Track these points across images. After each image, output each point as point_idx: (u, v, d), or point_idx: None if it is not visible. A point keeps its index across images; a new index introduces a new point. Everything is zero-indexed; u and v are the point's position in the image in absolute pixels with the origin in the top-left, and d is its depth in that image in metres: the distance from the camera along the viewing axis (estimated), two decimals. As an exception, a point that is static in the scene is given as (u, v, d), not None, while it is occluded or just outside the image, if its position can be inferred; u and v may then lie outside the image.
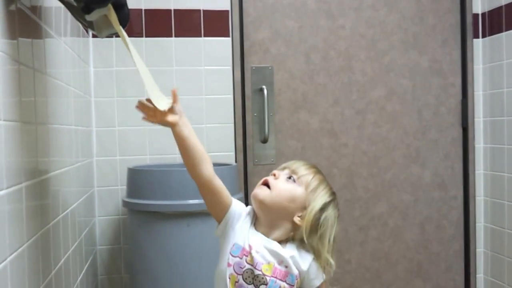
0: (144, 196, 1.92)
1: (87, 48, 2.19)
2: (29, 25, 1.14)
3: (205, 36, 2.33)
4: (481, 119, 2.57)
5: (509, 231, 2.42)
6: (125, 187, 2.12)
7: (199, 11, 2.32)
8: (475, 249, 2.59)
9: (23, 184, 1.04)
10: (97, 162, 2.27)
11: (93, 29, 1.24)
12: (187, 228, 1.85)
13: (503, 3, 2.39)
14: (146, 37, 2.28)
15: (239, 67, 2.37)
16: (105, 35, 1.22)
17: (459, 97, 2.58)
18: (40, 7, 1.25)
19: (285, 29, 2.44)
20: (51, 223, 1.30)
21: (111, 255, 2.31)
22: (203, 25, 2.32)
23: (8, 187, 0.94)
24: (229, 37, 2.35)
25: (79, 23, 1.87)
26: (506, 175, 2.42)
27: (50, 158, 1.33)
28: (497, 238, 2.50)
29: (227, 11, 2.34)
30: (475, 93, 2.56)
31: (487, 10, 2.51)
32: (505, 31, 2.39)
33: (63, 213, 1.46)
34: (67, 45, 1.65)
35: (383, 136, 2.53)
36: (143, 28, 2.28)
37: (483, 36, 2.55)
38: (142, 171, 2.00)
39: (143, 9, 2.28)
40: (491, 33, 2.49)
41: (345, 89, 2.49)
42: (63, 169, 1.49)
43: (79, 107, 1.88)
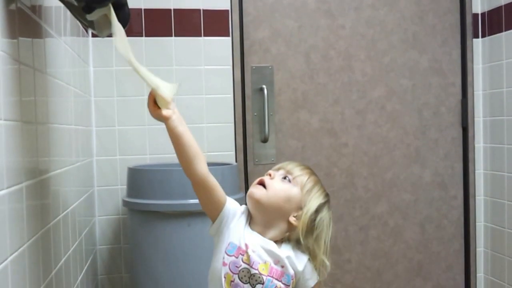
0: (144, 195, 1.92)
1: (86, 47, 2.19)
2: (29, 24, 1.14)
3: (205, 35, 2.33)
4: (481, 119, 2.57)
5: (509, 230, 2.42)
6: (125, 187, 2.12)
7: (199, 10, 2.32)
8: (475, 248, 2.60)
9: (24, 183, 1.03)
10: (97, 161, 2.27)
11: (93, 28, 1.24)
12: (187, 227, 1.85)
13: (503, 3, 2.39)
14: (146, 36, 2.28)
15: (239, 67, 2.37)
16: (105, 34, 1.22)
17: (459, 96, 2.59)
18: (40, 7, 1.25)
19: (285, 28, 2.44)
20: (52, 223, 1.30)
21: (111, 254, 2.31)
22: (203, 25, 2.32)
23: (8, 187, 0.93)
24: (229, 36, 2.35)
25: (79, 22, 1.87)
26: (506, 174, 2.42)
27: (50, 157, 1.32)
28: (497, 237, 2.50)
29: (227, 11, 2.34)
30: (475, 93, 2.56)
31: (486, 10, 2.51)
32: (505, 31, 2.39)
33: (63, 212, 1.46)
34: (67, 45, 1.65)
35: (383, 135, 2.53)
36: (143, 27, 2.28)
37: (483, 36, 2.55)
38: (142, 171, 2.00)
39: (142, 9, 2.28)
40: (491, 33, 2.49)
41: (345, 89, 2.49)
42: (63, 168, 1.49)
43: (79, 107, 1.88)
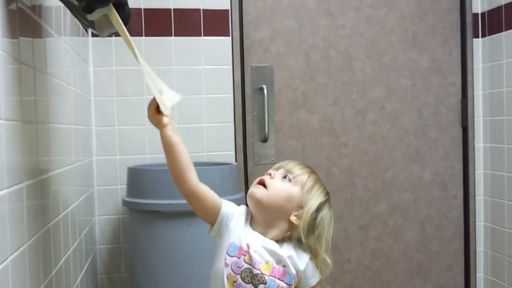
0: (144, 195, 1.92)
1: (86, 47, 2.19)
2: (29, 24, 1.14)
3: (205, 35, 2.32)
4: (481, 119, 2.57)
5: (509, 230, 2.42)
6: (125, 186, 2.11)
7: (199, 10, 2.32)
8: (475, 248, 2.60)
9: (24, 183, 1.03)
10: (97, 161, 2.27)
11: (94, 28, 1.24)
12: (188, 227, 1.84)
13: (503, 2, 2.39)
14: (145, 36, 2.28)
15: (239, 67, 2.37)
16: (106, 34, 1.22)
17: (459, 96, 2.59)
18: (40, 7, 1.25)
19: (285, 28, 2.44)
20: (52, 223, 1.30)
21: (111, 254, 2.31)
22: (203, 24, 2.32)
23: (9, 187, 0.93)
24: (229, 36, 2.34)
25: (78, 22, 1.87)
26: (506, 174, 2.42)
27: (50, 157, 1.32)
28: (497, 237, 2.50)
29: (227, 10, 2.34)
30: (475, 93, 2.56)
31: (487, 9, 2.51)
32: (505, 31, 2.39)
33: (63, 212, 1.46)
34: (67, 44, 1.65)
35: (383, 135, 2.53)
36: (143, 27, 2.28)
37: (483, 35, 2.55)
38: (142, 170, 2.00)
39: (142, 8, 2.28)
40: (491, 33, 2.49)
41: (345, 89, 2.49)
42: (63, 168, 1.49)
43: (79, 106, 1.88)
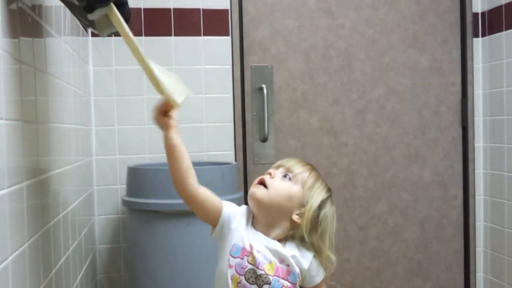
0: (144, 195, 1.92)
1: (86, 47, 2.19)
2: (30, 24, 1.14)
3: (204, 35, 2.32)
4: (481, 118, 2.57)
5: (509, 230, 2.42)
6: (124, 186, 2.11)
7: (199, 10, 2.32)
8: (475, 248, 2.60)
9: (24, 183, 1.03)
10: (97, 161, 2.27)
11: (94, 28, 1.24)
12: (187, 227, 1.84)
13: (503, 2, 2.39)
14: (145, 36, 2.27)
15: (239, 66, 2.37)
16: (106, 34, 1.22)
17: (459, 96, 2.59)
18: (40, 6, 1.25)
19: (284, 28, 2.44)
20: (52, 222, 1.30)
21: (111, 254, 2.31)
22: (203, 24, 2.32)
23: (9, 186, 0.93)
24: (228, 36, 2.34)
25: (78, 22, 1.87)
26: (506, 174, 2.42)
27: (50, 157, 1.32)
28: (497, 237, 2.50)
29: (227, 10, 2.34)
30: (475, 92, 2.56)
31: (487, 9, 2.51)
32: (505, 31, 2.39)
33: (63, 212, 1.46)
34: (67, 44, 1.65)
35: (383, 135, 2.53)
36: (143, 27, 2.28)
37: (483, 35, 2.55)
38: (142, 170, 1.99)
39: (142, 8, 2.27)
40: (491, 32, 2.49)
41: (345, 88, 2.49)
42: (63, 168, 1.49)
43: (79, 106, 1.88)
